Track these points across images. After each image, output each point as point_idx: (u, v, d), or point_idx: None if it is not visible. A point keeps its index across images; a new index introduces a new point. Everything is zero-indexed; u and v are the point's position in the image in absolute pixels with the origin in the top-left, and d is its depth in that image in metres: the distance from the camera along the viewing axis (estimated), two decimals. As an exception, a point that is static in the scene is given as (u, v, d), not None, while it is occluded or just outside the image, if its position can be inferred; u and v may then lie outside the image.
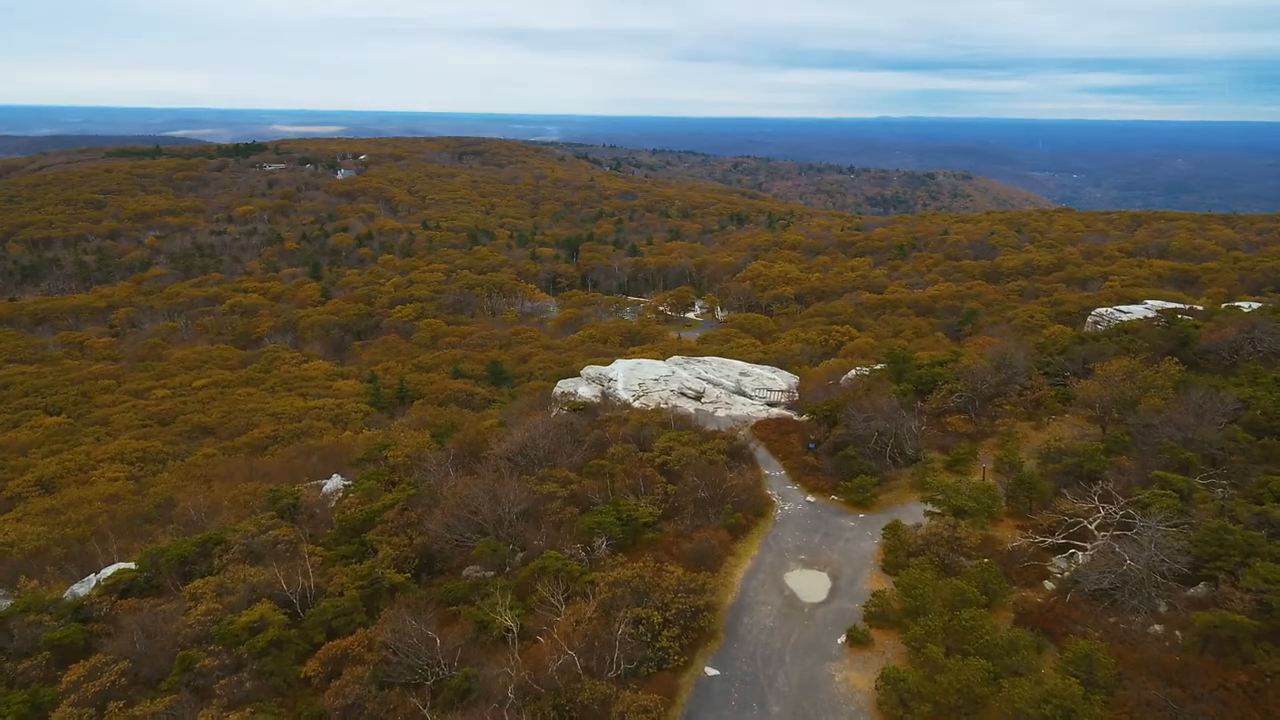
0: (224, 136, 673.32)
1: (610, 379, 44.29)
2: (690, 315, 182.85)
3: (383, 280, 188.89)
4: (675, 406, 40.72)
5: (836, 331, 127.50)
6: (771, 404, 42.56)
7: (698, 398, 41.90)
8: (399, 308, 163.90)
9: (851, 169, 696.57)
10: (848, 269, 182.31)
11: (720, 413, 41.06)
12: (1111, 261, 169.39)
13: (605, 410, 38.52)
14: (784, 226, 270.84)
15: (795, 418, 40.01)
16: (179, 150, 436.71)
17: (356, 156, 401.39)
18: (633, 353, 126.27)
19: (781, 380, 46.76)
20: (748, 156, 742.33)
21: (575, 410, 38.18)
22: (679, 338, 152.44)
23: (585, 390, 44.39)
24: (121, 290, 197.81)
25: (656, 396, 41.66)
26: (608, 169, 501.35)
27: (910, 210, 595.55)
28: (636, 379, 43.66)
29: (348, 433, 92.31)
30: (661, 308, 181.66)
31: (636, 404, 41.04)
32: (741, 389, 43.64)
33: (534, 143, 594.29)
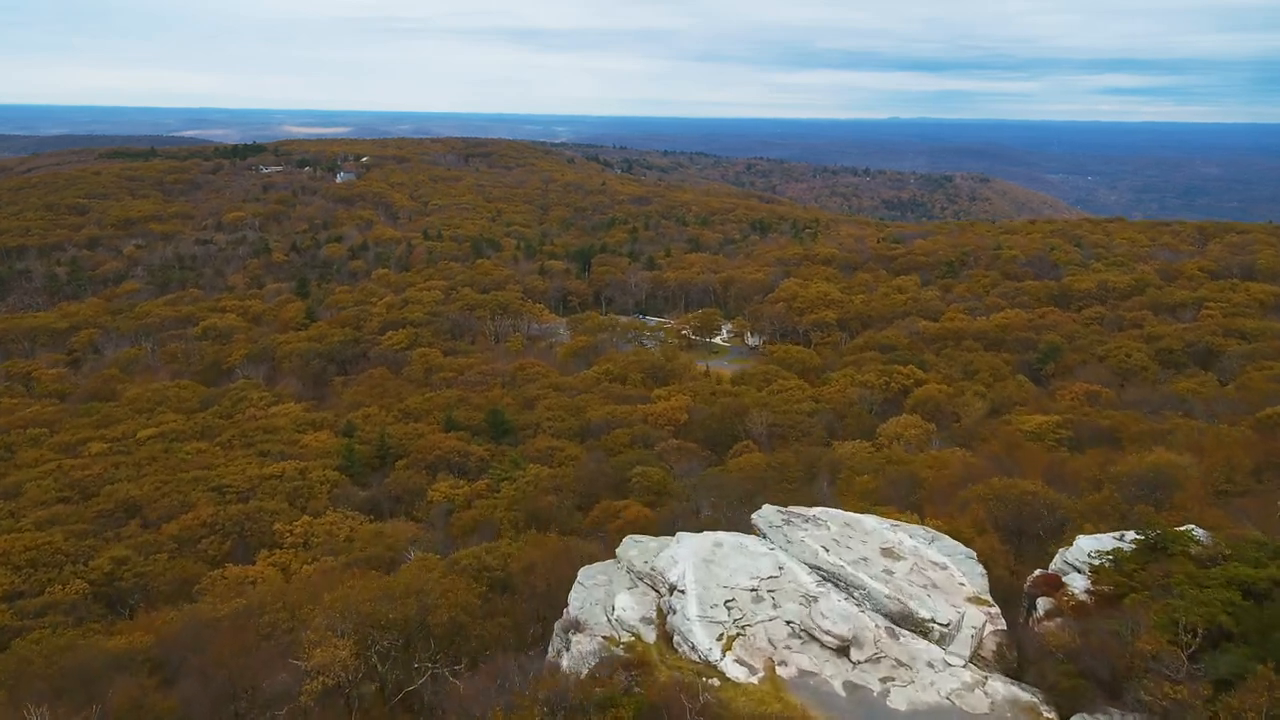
0: (233, 137, 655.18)
1: (672, 584, 25.03)
2: (717, 340, 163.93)
3: (375, 299, 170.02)
4: (804, 674, 21.68)
5: (898, 373, 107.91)
6: (979, 657, 23.33)
7: (843, 650, 22.72)
8: (390, 334, 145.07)
9: (867, 171, 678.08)
10: (894, 290, 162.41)
11: (895, 697, 21.82)
12: (1197, 284, 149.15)
13: (669, 687, 19.39)
14: (811, 236, 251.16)
15: (1047, 714, 20.98)
16: (174, 151, 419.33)
17: (358, 159, 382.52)
18: (658, 397, 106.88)
19: (953, 566, 27.48)
20: (760, 158, 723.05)
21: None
22: (707, 370, 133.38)
23: (627, 603, 25.43)
24: (88, 308, 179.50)
25: (762, 638, 22.56)
26: (619, 171, 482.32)
27: (928, 213, 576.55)
28: (720, 589, 24.46)
29: (305, 517, 73.45)
30: (684, 330, 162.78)
31: (728, 662, 21.95)
32: (906, 606, 24.39)
33: (543, 144, 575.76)
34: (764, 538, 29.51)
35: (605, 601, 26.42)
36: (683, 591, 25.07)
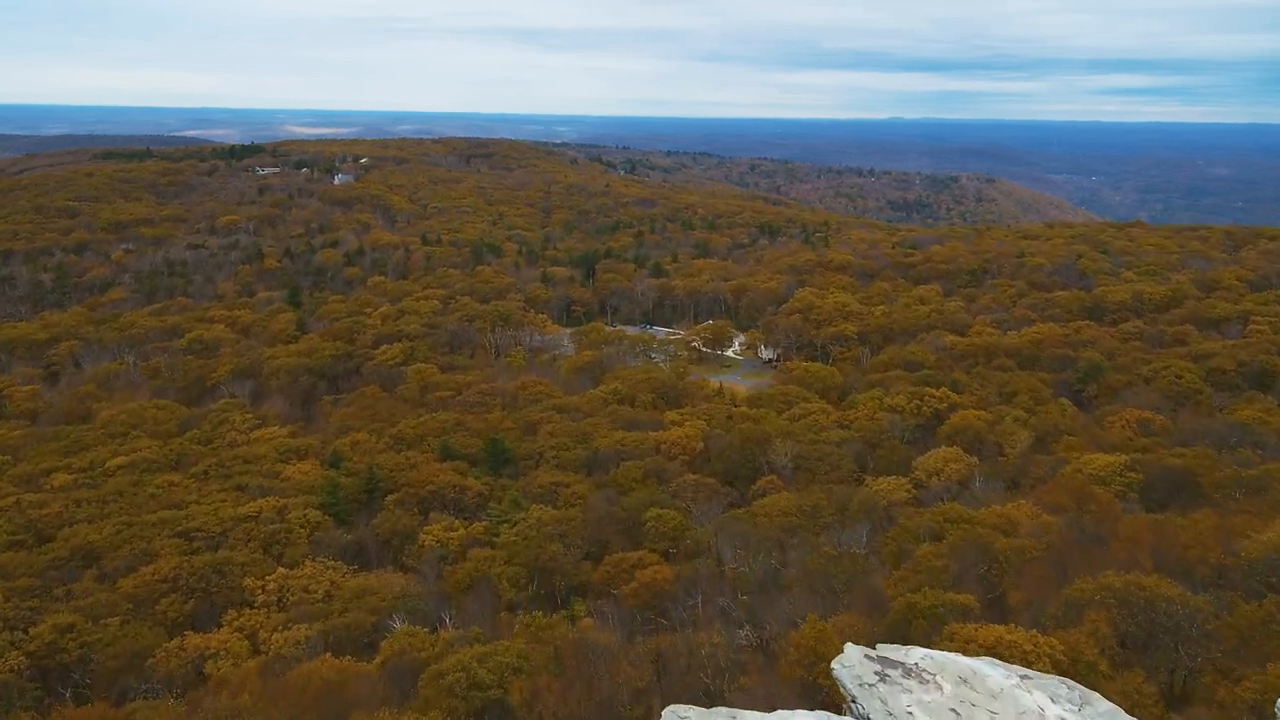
0: (235, 137, 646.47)
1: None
2: (729, 353, 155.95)
3: (369, 309, 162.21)
4: None
5: (930, 395, 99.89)
6: None
7: None
8: (384, 348, 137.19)
9: (871, 171, 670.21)
10: (915, 300, 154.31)
11: None
12: (1238, 295, 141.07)
13: None
14: (822, 240, 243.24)
15: None
16: (169, 152, 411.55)
17: (356, 160, 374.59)
18: (671, 422, 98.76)
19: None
20: (763, 159, 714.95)
21: None
22: (721, 388, 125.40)
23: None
24: (70, 318, 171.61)
25: None
26: (622, 172, 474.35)
27: (934, 214, 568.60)
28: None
29: (280, 569, 65.60)
30: (694, 343, 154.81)
31: None
32: None
33: (545, 144, 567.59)
34: (854, 705, 21.66)
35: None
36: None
